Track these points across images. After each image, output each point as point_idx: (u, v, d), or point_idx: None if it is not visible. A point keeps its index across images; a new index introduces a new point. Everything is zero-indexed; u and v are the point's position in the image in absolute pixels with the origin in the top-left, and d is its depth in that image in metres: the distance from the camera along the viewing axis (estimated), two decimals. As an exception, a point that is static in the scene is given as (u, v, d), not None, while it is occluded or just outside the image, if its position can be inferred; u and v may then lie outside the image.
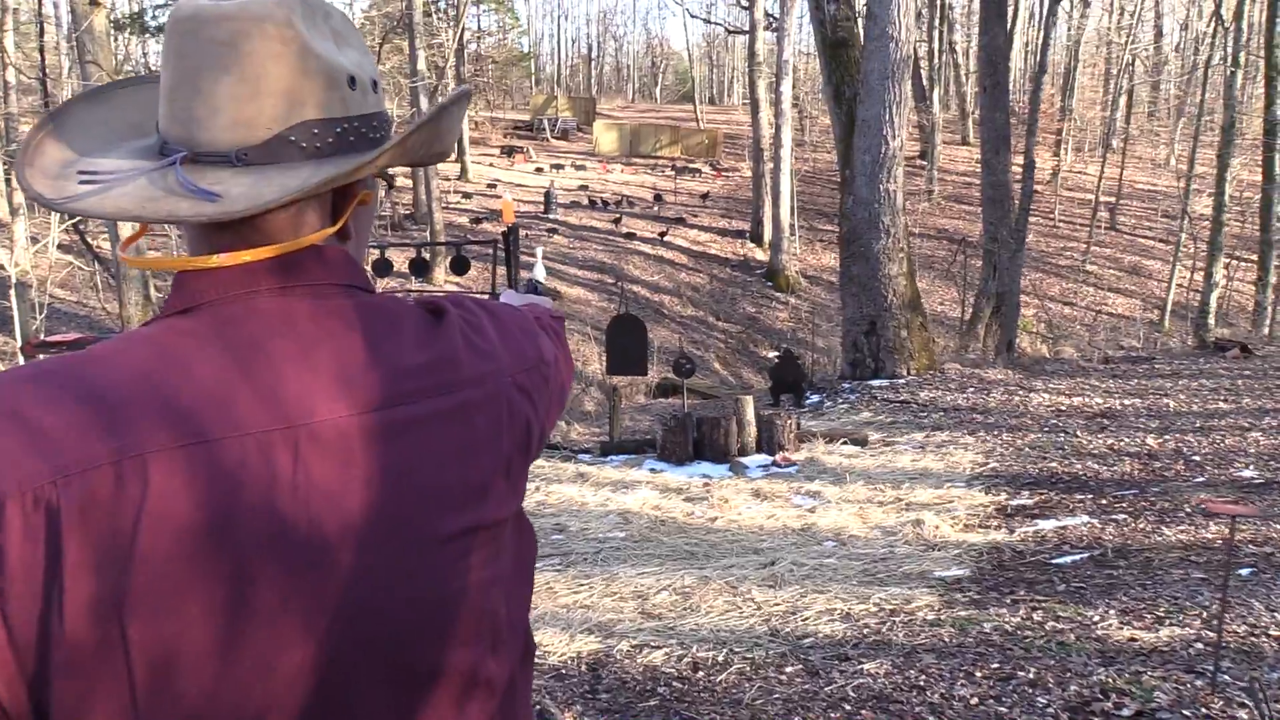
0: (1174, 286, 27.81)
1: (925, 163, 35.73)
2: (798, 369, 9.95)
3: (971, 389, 10.82)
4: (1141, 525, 6.15)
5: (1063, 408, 9.97)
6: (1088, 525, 6.24)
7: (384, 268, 9.18)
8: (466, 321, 0.99)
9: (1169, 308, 27.49)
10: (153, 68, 31.54)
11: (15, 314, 15.08)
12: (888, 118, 11.02)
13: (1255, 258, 21.05)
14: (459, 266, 9.20)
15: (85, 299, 23.08)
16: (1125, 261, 32.81)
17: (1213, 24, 30.61)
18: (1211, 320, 16.11)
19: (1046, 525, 6.33)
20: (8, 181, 22.64)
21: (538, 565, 5.90)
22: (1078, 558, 5.65)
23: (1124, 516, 6.37)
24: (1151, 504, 6.61)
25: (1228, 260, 18.25)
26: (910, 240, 12.12)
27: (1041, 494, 7.06)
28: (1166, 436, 8.52)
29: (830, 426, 9.34)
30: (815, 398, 10.95)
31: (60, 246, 23.75)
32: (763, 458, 8.26)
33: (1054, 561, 5.61)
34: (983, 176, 16.35)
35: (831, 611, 4.88)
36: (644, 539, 6.36)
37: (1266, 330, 19.31)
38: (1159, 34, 49.80)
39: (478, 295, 1.18)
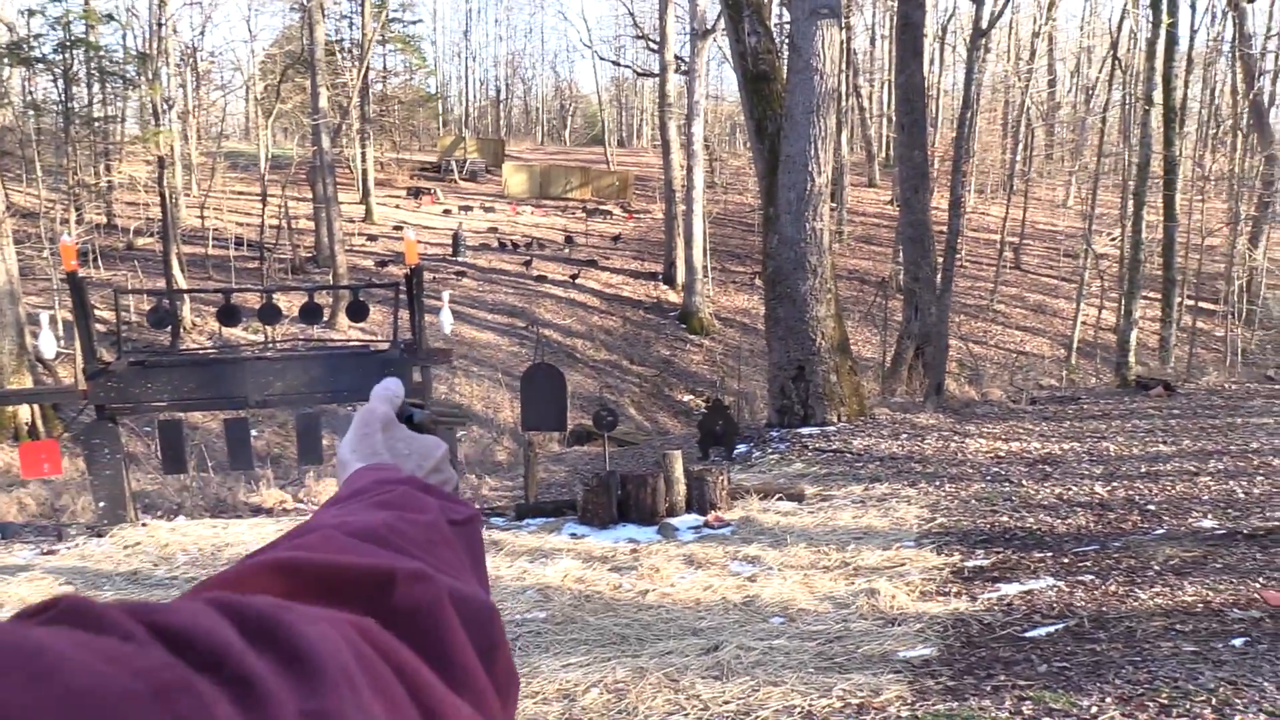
0: (1079, 324, 28.18)
1: (834, 204, 35.94)
2: (729, 419, 9.34)
3: (905, 435, 10.35)
4: (1112, 588, 5.63)
5: (1001, 454, 9.54)
6: (1055, 589, 5.70)
7: (271, 314, 8.30)
8: None
9: (1075, 345, 27.83)
10: (36, 100, 29.85)
11: None
12: (813, 153, 10.58)
13: (1159, 295, 21.37)
14: (357, 313, 8.38)
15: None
16: (1031, 300, 33.31)
17: (1110, 67, 31.50)
18: (1132, 358, 16.05)
19: (1010, 590, 5.77)
20: None
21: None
22: (1052, 629, 5.08)
23: (1091, 577, 5.86)
24: (1117, 562, 6.12)
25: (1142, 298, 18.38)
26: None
27: (998, 553, 6.52)
28: (1115, 484, 8.11)
29: (763, 480, 8.72)
30: (743, 447, 10.34)
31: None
32: (694, 518, 7.59)
33: (1028, 635, 5.03)
34: (901, 215, 16.11)
35: (791, 710, 4.20)
36: (567, 620, 5.61)
37: (1171, 366, 19.49)
38: (1052, 81, 51.36)
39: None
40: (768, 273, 11.49)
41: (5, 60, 21.90)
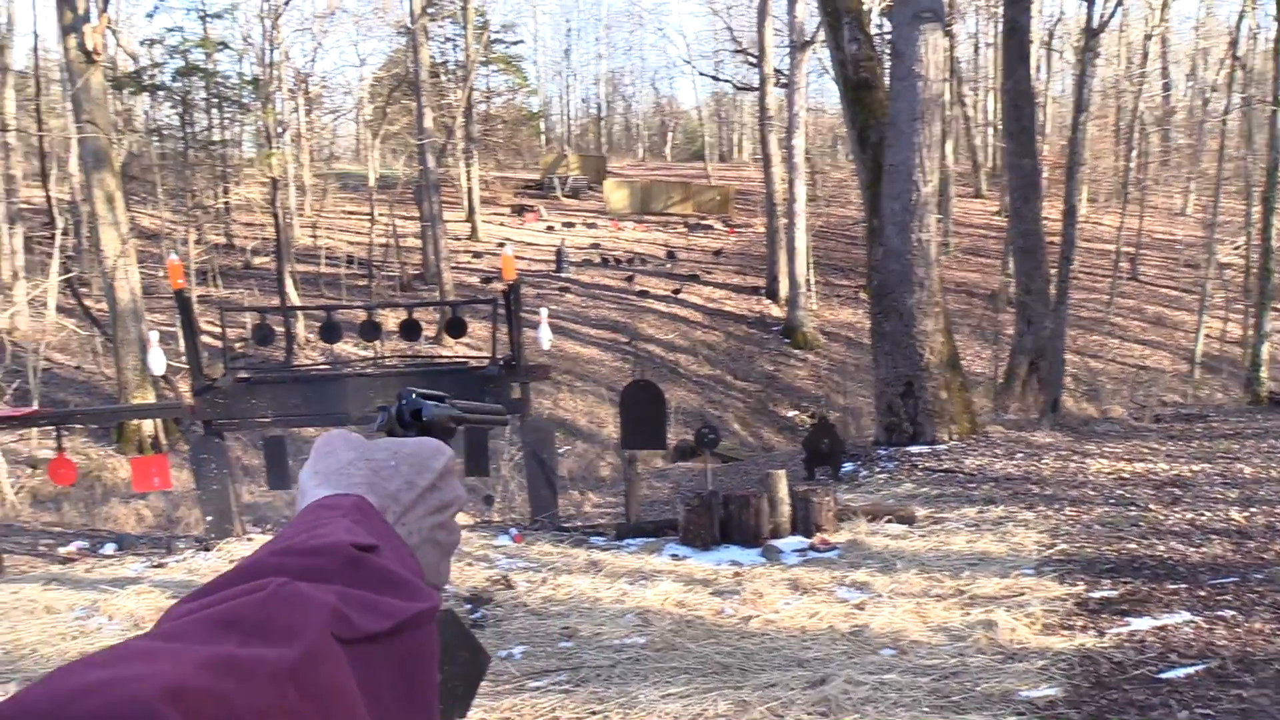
0: (1202, 337, 26.82)
1: (940, 215, 35.04)
2: (835, 438, 9.04)
3: (1020, 455, 9.89)
4: (1257, 625, 5.19)
5: (1125, 475, 9.02)
6: (1191, 625, 5.29)
7: (371, 331, 8.38)
8: None
9: (1198, 360, 26.50)
10: (159, 126, 31.19)
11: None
12: (917, 161, 10.24)
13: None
14: (455, 329, 8.39)
15: (83, 363, 22.37)
16: (1149, 312, 31.89)
17: (1229, 68, 30.03)
18: (1263, 373, 15.13)
19: (1141, 625, 5.37)
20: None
21: (541, 684, 4.99)
22: (1191, 670, 4.70)
23: (1232, 613, 5.42)
24: (1260, 596, 5.65)
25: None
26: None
27: (1126, 583, 6.10)
28: (1253, 509, 7.57)
29: (871, 501, 8.41)
30: (849, 466, 10.02)
31: (59, 309, 23.19)
32: (798, 540, 7.33)
33: (1164, 676, 4.65)
34: (1011, 225, 15.57)
35: (904, 752, 3.94)
36: (668, 647, 5.43)
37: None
38: (1167, 85, 49.33)
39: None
40: (873, 286, 11.16)
41: (129, 89, 22.90)
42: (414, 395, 0.85)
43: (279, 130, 29.01)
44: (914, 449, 10.19)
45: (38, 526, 10.19)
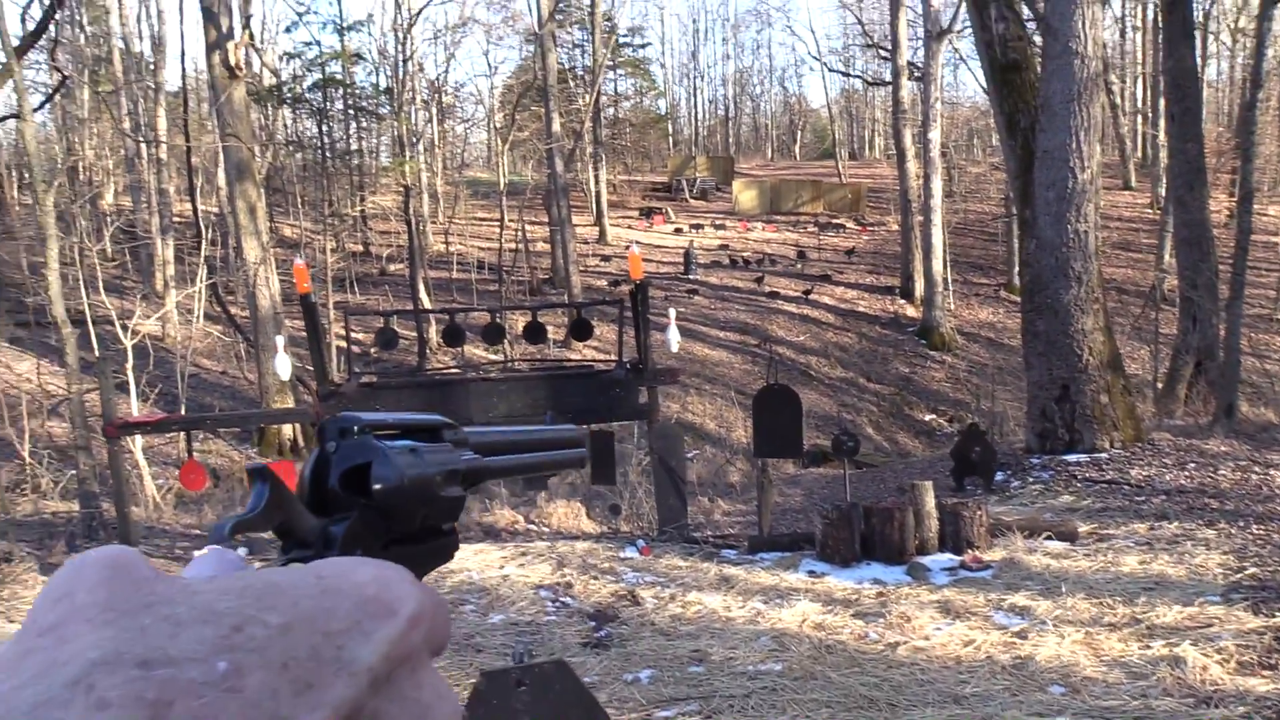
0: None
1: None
2: (987, 446, 8.38)
3: (1193, 464, 9.02)
4: None
5: (1319, 489, 8.09)
6: None
7: (495, 334, 8.18)
8: None
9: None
10: (300, 137, 32.25)
11: (131, 385, 14.71)
12: (1074, 146, 9.47)
13: None
14: (580, 331, 8.13)
15: (228, 368, 23.18)
16: (1323, 309, 29.44)
17: None
18: None
19: (1360, 666, 4.65)
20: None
21: (669, 714, 4.61)
22: None
23: None
24: None
25: None
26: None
27: (1334, 615, 5.34)
28: None
29: (1026, 515, 7.73)
30: (999, 476, 9.32)
31: (206, 316, 24.10)
32: (947, 558, 6.76)
33: (1397, 731, 3.97)
34: (1174, 215, 14.45)
35: (1087, 815, 3.41)
36: (806, 675, 4.98)
37: None
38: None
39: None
40: (1024, 281, 10.42)
41: (270, 103, 23.64)
42: (350, 423, 0.40)
43: (413, 139, 29.59)
44: (1071, 458, 9.42)
45: (178, 529, 10.39)
